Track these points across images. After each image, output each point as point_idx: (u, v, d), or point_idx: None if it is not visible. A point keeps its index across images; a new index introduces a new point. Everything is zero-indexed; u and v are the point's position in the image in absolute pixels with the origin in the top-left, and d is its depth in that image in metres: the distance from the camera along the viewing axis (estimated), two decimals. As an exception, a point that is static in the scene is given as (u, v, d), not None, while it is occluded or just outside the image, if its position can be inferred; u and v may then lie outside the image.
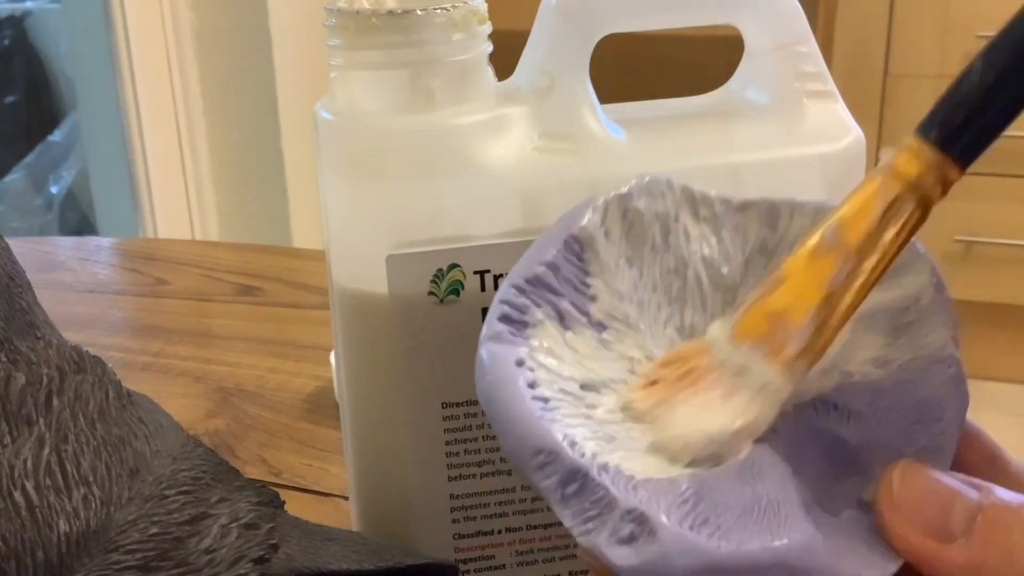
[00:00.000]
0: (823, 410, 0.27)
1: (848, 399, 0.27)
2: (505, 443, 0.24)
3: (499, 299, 0.26)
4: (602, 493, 0.23)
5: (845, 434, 0.27)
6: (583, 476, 0.23)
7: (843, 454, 0.26)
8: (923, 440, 0.26)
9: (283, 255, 0.78)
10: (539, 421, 0.24)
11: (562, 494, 0.23)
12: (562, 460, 0.23)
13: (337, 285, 0.34)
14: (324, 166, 0.33)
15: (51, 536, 0.28)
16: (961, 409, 0.27)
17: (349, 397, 0.35)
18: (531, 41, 0.33)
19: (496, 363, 0.25)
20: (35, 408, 0.30)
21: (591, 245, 0.27)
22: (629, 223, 0.28)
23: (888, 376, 0.27)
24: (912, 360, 0.27)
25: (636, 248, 0.28)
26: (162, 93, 1.49)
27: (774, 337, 0.25)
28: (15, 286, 0.33)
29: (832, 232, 0.25)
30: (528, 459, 0.24)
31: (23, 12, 1.96)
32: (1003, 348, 1.78)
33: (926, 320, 0.27)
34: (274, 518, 0.31)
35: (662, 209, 0.28)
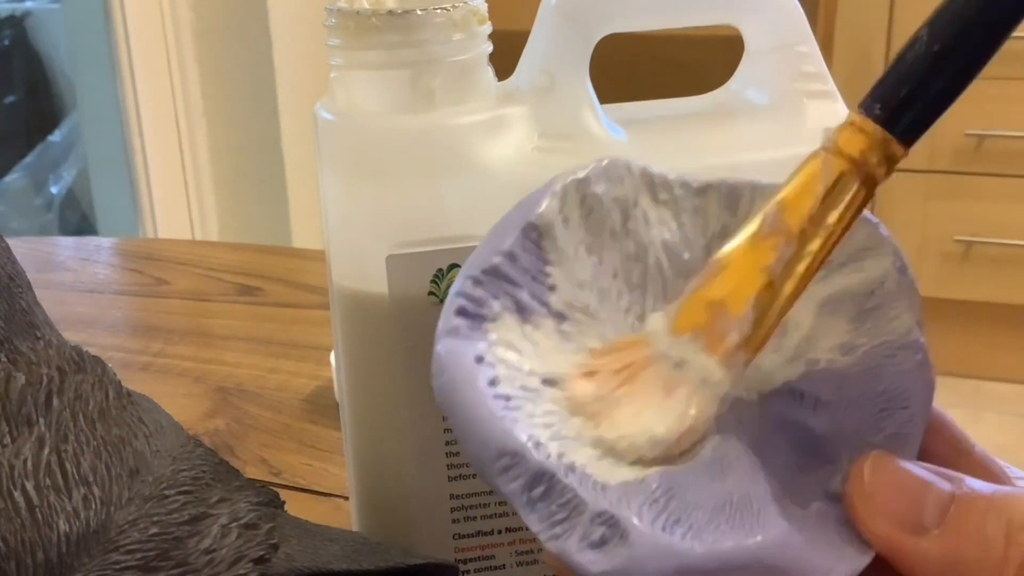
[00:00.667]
0: (789, 399, 0.26)
1: (814, 387, 0.26)
2: (466, 446, 0.23)
3: (455, 292, 0.25)
4: (570, 495, 0.23)
5: (811, 423, 0.26)
6: (549, 478, 0.23)
7: (809, 444, 0.26)
8: (890, 428, 0.26)
9: (283, 255, 0.78)
10: (501, 422, 0.23)
11: (528, 497, 0.23)
12: (527, 462, 0.23)
13: (337, 285, 0.34)
14: (324, 166, 0.33)
15: (51, 536, 0.28)
16: (927, 396, 0.26)
17: (349, 397, 0.35)
18: (531, 41, 0.33)
19: (454, 361, 0.24)
20: (35, 408, 0.30)
21: (549, 232, 0.26)
22: (588, 209, 0.27)
23: (854, 363, 0.26)
24: (878, 346, 0.26)
25: (595, 234, 0.27)
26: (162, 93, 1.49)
27: (713, 328, 0.24)
28: (15, 286, 0.33)
29: (772, 216, 0.24)
30: (491, 462, 0.23)
31: (23, 12, 1.96)
32: (1003, 348, 1.78)
33: (891, 305, 0.27)
34: (274, 518, 0.31)
35: (621, 194, 0.27)
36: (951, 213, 1.72)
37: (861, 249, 0.27)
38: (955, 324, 1.77)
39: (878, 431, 0.26)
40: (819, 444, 0.26)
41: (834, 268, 0.27)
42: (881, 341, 0.26)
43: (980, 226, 1.71)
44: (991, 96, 1.65)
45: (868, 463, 0.24)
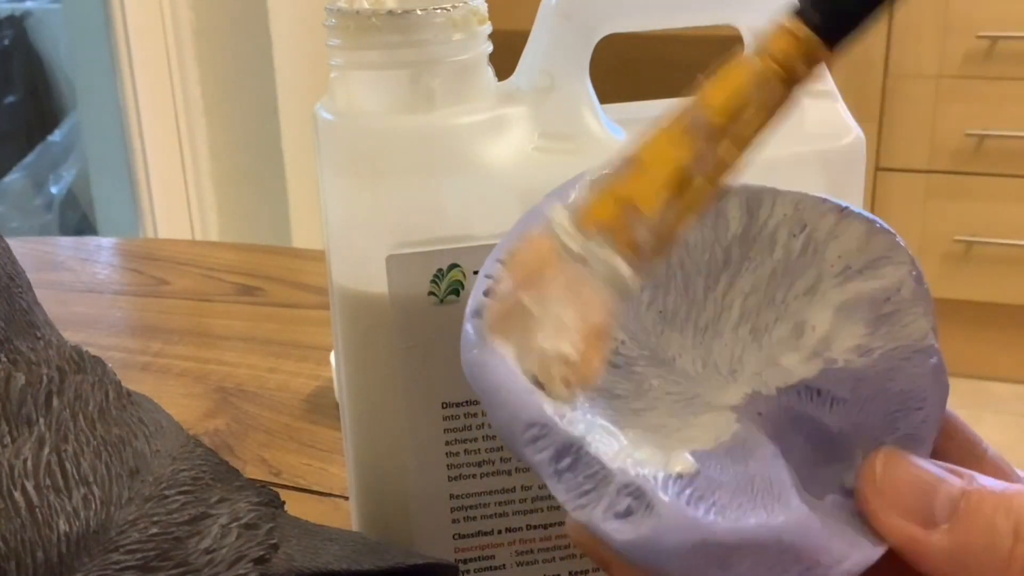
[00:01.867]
0: (806, 396, 0.27)
1: (831, 385, 0.27)
2: (495, 417, 0.24)
3: (484, 273, 0.26)
4: (597, 467, 0.23)
5: (827, 420, 0.27)
6: (577, 450, 0.23)
7: (825, 440, 0.26)
8: (904, 428, 0.26)
9: (283, 255, 0.78)
10: (528, 393, 0.23)
11: (555, 468, 0.23)
12: (555, 433, 0.23)
13: (337, 285, 0.34)
14: (324, 166, 0.33)
15: (51, 536, 0.28)
16: (941, 398, 0.27)
17: (349, 397, 0.35)
18: (531, 41, 0.33)
19: (483, 335, 0.24)
20: (35, 408, 0.30)
21: None
22: None
23: (870, 364, 0.27)
24: (894, 349, 0.27)
25: None
26: (162, 93, 1.49)
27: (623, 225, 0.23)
28: (15, 286, 0.33)
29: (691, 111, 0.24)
30: (520, 433, 0.23)
31: (23, 12, 1.96)
32: (1003, 348, 1.78)
33: (907, 311, 0.27)
34: (274, 518, 0.31)
35: None
36: (951, 213, 1.72)
37: (878, 257, 0.28)
38: (955, 324, 1.77)
39: (892, 431, 0.26)
40: (834, 440, 0.26)
41: (852, 275, 0.28)
42: (897, 345, 0.27)
43: (980, 226, 1.71)
44: (991, 96, 1.65)
45: (880, 458, 0.25)
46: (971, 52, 1.63)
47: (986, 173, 1.69)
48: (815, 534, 0.23)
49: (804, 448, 0.26)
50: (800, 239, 0.28)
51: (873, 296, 0.27)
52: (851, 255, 0.28)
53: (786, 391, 0.27)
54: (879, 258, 0.28)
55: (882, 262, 0.28)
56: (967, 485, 0.24)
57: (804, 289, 0.28)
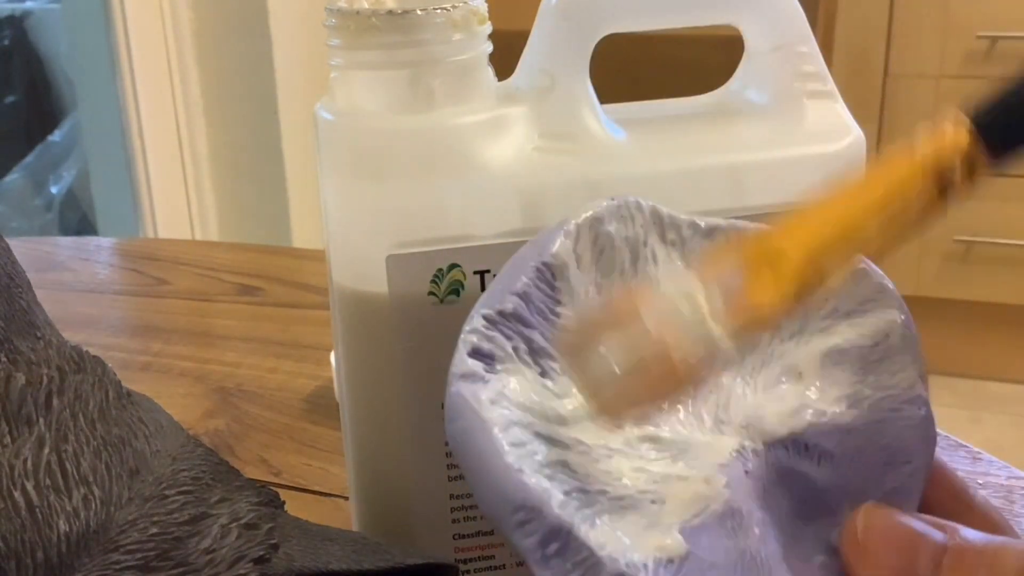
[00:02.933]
0: (794, 450, 0.26)
1: (819, 440, 0.26)
2: (481, 497, 0.23)
3: (469, 330, 0.25)
4: (586, 553, 0.22)
5: (815, 475, 0.26)
6: (566, 534, 0.22)
7: (813, 496, 0.26)
8: (892, 482, 0.26)
9: (283, 255, 0.78)
10: (518, 475, 0.22)
11: (543, 554, 0.22)
12: (544, 517, 0.22)
13: (337, 285, 0.34)
14: (324, 166, 0.33)
15: (51, 536, 0.28)
16: (929, 450, 0.26)
17: (349, 397, 0.35)
18: (531, 41, 0.33)
19: (469, 405, 0.23)
20: (35, 408, 0.30)
21: (563, 273, 0.26)
22: (600, 249, 0.27)
23: (859, 416, 0.26)
24: (882, 399, 0.26)
25: (606, 274, 0.27)
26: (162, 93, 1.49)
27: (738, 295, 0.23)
28: (15, 286, 0.33)
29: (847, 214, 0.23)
30: (507, 516, 0.22)
31: (23, 12, 1.96)
32: (1003, 348, 1.78)
33: (894, 358, 0.27)
34: (274, 518, 0.31)
35: (631, 234, 0.27)
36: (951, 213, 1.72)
37: (866, 300, 0.27)
38: (955, 324, 1.77)
39: (880, 485, 0.26)
40: (822, 496, 0.26)
41: (839, 318, 0.27)
42: (885, 395, 0.26)
43: (980, 226, 1.71)
44: (991, 96, 1.64)
45: (861, 515, 0.24)
46: (971, 52, 1.63)
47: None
48: None
49: (791, 505, 0.26)
50: None
51: (861, 342, 0.27)
52: (839, 297, 0.27)
53: (774, 446, 0.26)
54: (867, 300, 0.27)
55: (870, 305, 0.27)
56: (950, 540, 0.23)
57: (790, 333, 0.27)
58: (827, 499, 0.26)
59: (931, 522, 0.24)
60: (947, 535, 0.23)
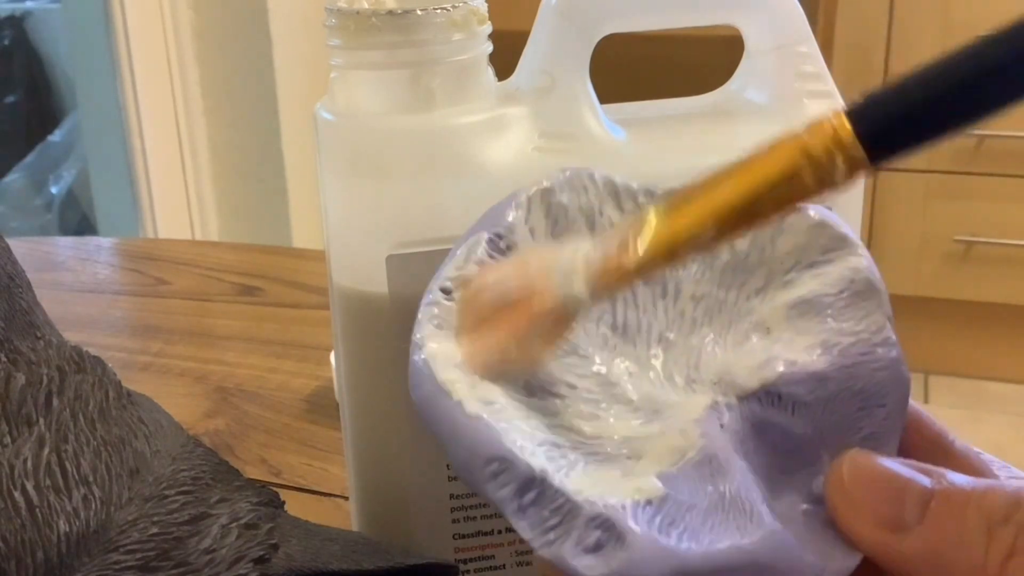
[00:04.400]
0: (767, 401, 0.26)
1: (792, 388, 0.26)
2: (453, 454, 0.23)
3: (427, 302, 0.25)
4: (562, 500, 0.22)
5: (791, 425, 0.26)
6: (540, 482, 0.22)
7: (790, 446, 0.26)
8: (868, 427, 0.26)
9: (283, 255, 0.78)
10: (487, 427, 0.23)
11: (519, 504, 0.22)
12: (517, 467, 0.22)
13: (337, 285, 0.34)
14: (324, 166, 0.33)
15: (51, 536, 0.28)
16: (904, 393, 0.26)
17: (349, 397, 0.35)
18: (531, 41, 0.33)
19: (434, 368, 0.24)
20: (35, 408, 0.30)
21: (514, 244, 0.26)
22: (553, 219, 0.27)
23: (830, 363, 0.26)
24: (852, 345, 0.26)
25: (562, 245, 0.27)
26: (162, 93, 1.49)
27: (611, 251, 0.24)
28: (15, 286, 0.33)
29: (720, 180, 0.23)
30: (479, 469, 0.22)
31: (23, 12, 1.96)
32: (1003, 348, 1.78)
33: (860, 304, 0.27)
34: (274, 518, 0.31)
35: (585, 203, 0.27)
36: (951, 213, 1.72)
37: (828, 250, 0.27)
38: (955, 324, 1.77)
39: (856, 431, 0.26)
40: (799, 446, 0.26)
41: (802, 269, 0.27)
42: (855, 340, 0.26)
43: (980, 226, 1.71)
44: (991, 96, 1.65)
45: (846, 463, 0.24)
46: (971, 52, 1.63)
47: (986, 173, 1.69)
48: (789, 551, 0.23)
49: (770, 457, 0.26)
50: (747, 238, 0.27)
51: (826, 291, 0.27)
52: (800, 250, 0.27)
53: (747, 399, 0.26)
54: (829, 250, 0.27)
55: (832, 255, 0.27)
56: (936, 484, 0.23)
57: (755, 289, 0.27)
58: (805, 449, 0.26)
59: (917, 467, 0.24)
60: (933, 479, 0.23)
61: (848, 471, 0.24)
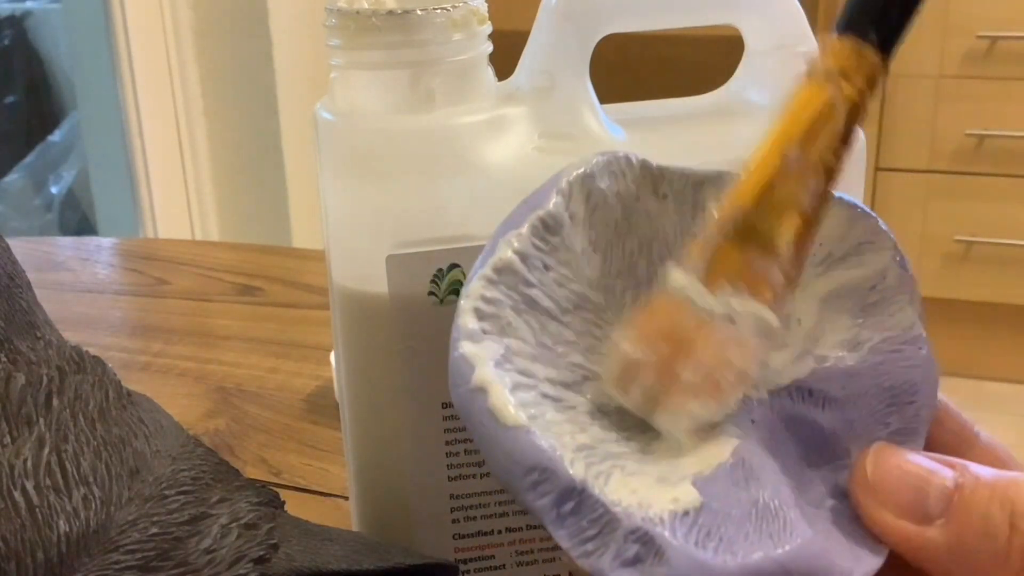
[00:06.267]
0: (798, 396, 0.26)
1: (822, 384, 0.26)
2: (492, 460, 0.23)
3: (468, 293, 0.24)
4: (601, 511, 0.22)
5: (821, 420, 0.26)
6: (579, 493, 0.22)
7: (819, 441, 0.26)
8: (896, 423, 0.26)
9: (283, 255, 0.78)
10: (528, 435, 0.22)
11: (557, 513, 0.22)
12: (556, 477, 0.22)
13: (337, 285, 0.34)
14: (324, 166, 0.33)
15: (51, 536, 0.28)
16: (933, 390, 0.26)
17: (349, 397, 0.35)
18: (531, 41, 0.33)
19: (474, 367, 0.23)
20: (35, 408, 0.30)
21: (558, 230, 0.26)
22: (593, 205, 0.26)
23: (860, 359, 0.26)
24: (882, 341, 0.26)
25: (600, 231, 0.26)
26: (162, 93, 1.49)
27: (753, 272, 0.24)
28: (15, 286, 0.33)
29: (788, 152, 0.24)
30: (520, 477, 0.22)
31: (23, 12, 1.96)
32: (1003, 348, 1.78)
33: (892, 299, 0.27)
34: (274, 518, 0.31)
35: (623, 189, 0.27)
36: (951, 213, 1.72)
37: (860, 243, 0.27)
38: (955, 324, 1.77)
39: (885, 426, 0.26)
40: (828, 440, 0.26)
41: (834, 262, 0.27)
42: (885, 336, 0.26)
43: (980, 226, 1.71)
44: (991, 96, 1.65)
45: (871, 456, 0.24)
46: (971, 52, 1.63)
47: (986, 173, 1.69)
48: (820, 556, 0.23)
49: (799, 451, 0.26)
50: None
51: (858, 285, 0.27)
52: (833, 242, 0.27)
53: (778, 394, 0.26)
54: (861, 243, 0.27)
55: (865, 248, 0.27)
56: (960, 477, 0.23)
57: None
58: (834, 444, 0.26)
59: (940, 460, 0.24)
60: (957, 472, 0.23)
61: (872, 464, 0.24)
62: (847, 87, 0.24)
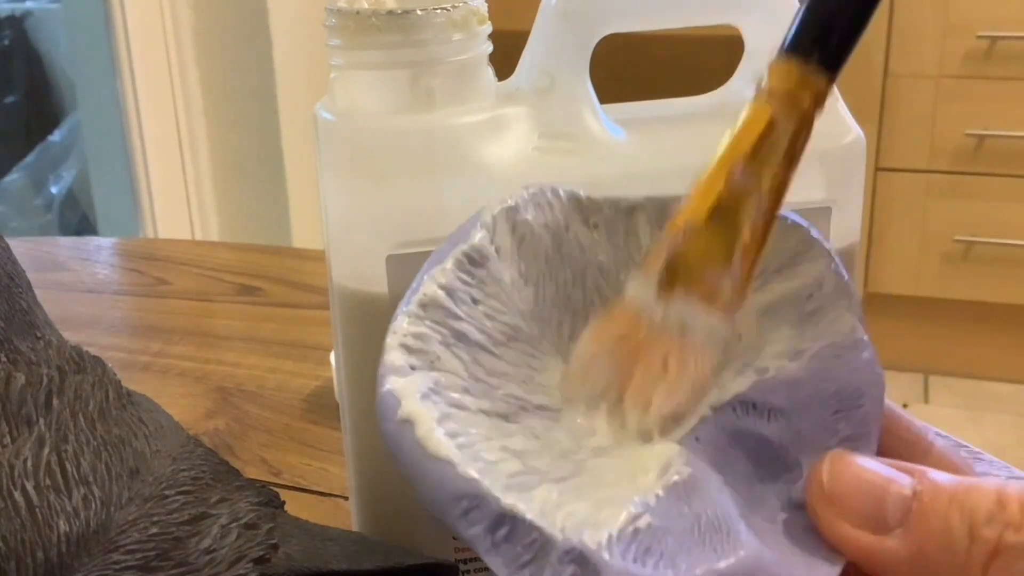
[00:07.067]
0: (742, 411, 0.26)
1: (766, 396, 0.26)
2: (424, 491, 0.23)
3: (394, 329, 0.25)
4: (535, 535, 0.22)
5: (768, 433, 0.26)
6: (511, 518, 0.22)
7: (768, 454, 0.26)
8: (846, 430, 0.26)
9: (283, 255, 0.78)
10: (457, 465, 0.22)
11: (492, 541, 0.22)
12: (487, 504, 0.22)
13: (337, 285, 0.34)
14: (324, 166, 0.33)
15: (51, 536, 0.28)
16: (879, 393, 0.26)
17: (349, 397, 0.35)
18: (531, 41, 0.33)
19: (400, 401, 0.23)
20: (35, 408, 0.30)
21: (484, 263, 0.26)
22: (520, 237, 0.27)
23: (803, 368, 0.26)
24: (824, 348, 0.26)
25: (530, 263, 0.27)
26: (162, 93, 1.49)
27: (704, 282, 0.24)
28: (15, 286, 0.33)
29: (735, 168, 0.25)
30: (450, 507, 0.22)
31: (23, 12, 1.96)
32: (1003, 348, 1.78)
33: (830, 306, 0.27)
34: (274, 518, 0.31)
35: (551, 220, 0.27)
36: (951, 213, 1.72)
37: (795, 254, 0.27)
38: (955, 324, 1.77)
39: (834, 433, 0.26)
40: (777, 453, 0.26)
41: (770, 275, 0.27)
42: (826, 343, 0.26)
43: (980, 226, 1.71)
44: (991, 96, 1.65)
45: (826, 464, 0.24)
46: (971, 52, 1.63)
47: (986, 173, 1.69)
48: (769, 567, 0.23)
49: (747, 466, 0.25)
50: None
51: (795, 295, 0.27)
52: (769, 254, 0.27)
53: (721, 410, 0.26)
54: (795, 255, 0.27)
55: (799, 259, 0.27)
56: (918, 484, 0.23)
57: None
58: (784, 455, 0.26)
59: (898, 466, 0.23)
60: (915, 479, 0.23)
61: (828, 473, 0.24)
62: (790, 107, 0.24)
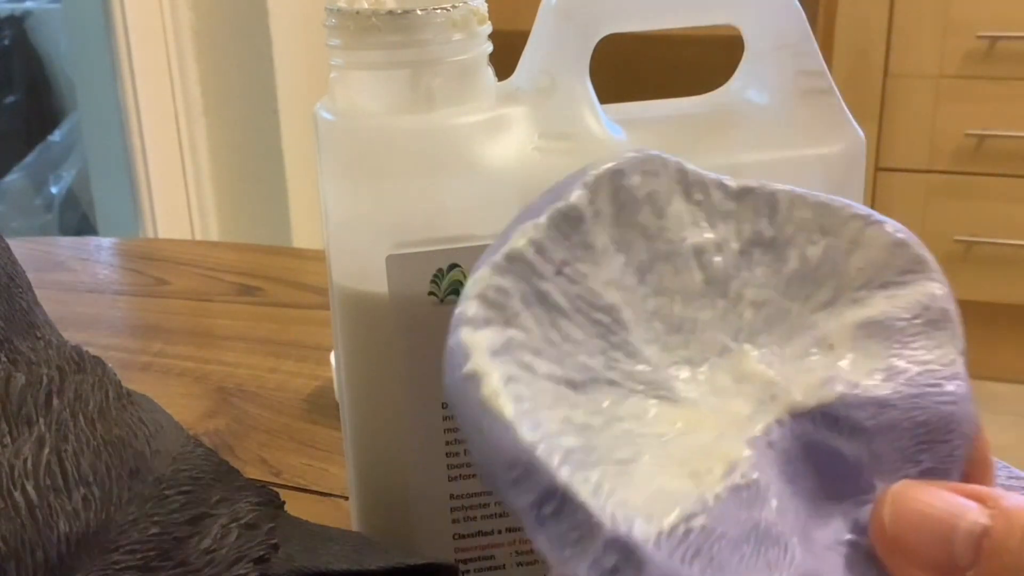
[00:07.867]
0: (822, 422, 0.25)
1: (851, 411, 0.24)
2: (477, 452, 0.21)
3: (475, 279, 0.23)
4: (583, 516, 0.21)
5: (845, 450, 0.24)
6: (562, 495, 0.21)
7: (841, 471, 0.24)
8: (928, 462, 0.24)
9: (283, 255, 0.78)
10: (516, 429, 0.21)
11: (538, 515, 0.21)
12: (539, 476, 0.21)
13: (337, 285, 0.34)
14: (324, 166, 0.33)
15: (51, 536, 0.28)
16: (969, 431, 0.25)
17: (349, 397, 0.35)
18: (531, 41, 0.33)
19: (470, 355, 0.22)
20: (35, 408, 0.30)
21: (579, 225, 0.24)
22: (620, 203, 0.25)
23: (894, 390, 0.25)
24: (919, 374, 0.25)
25: (625, 231, 0.25)
26: (162, 93, 1.49)
27: None
28: (15, 286, 0.33)
29: None
30: (500, 473, 0.21)
31: (23, 12, 1.96)
32: (1003, 348, 1.78)
33: (933, 333, 0.25)
34: (274, 518, 0.31)
35: (655, 189, 0.25)
36: (951, 213, 1.72)
37: (904, 272, 0.26)
38: (955, 324, 1.77)
39: (915, 464, 0.24)
40: (851, 472, 0.24)
41: (874, 289, 0.26)
42: (923, 369, 0.25)
43: (980, 226, 1.71)
44: (991, 96, 1.65)
45: (888, 500, 0.22)
46: (971, 52, 1.63)
47: (986, 173, 1.69)
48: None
49: (816, 481, 0.24)
50: (819, 247, 0.26)
51: (898, 315, 0.25)
52: (875, 267, 0.26)
53: (800, 417, 0.24)
54: (905, 272, 0.26)
55: (909, 277, 0.26)
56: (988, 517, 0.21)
57: (822, 302, 0.26)
58: (858, 477, 0.24)
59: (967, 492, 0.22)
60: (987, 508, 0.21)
61: (890, 512, 0.22)
62: None
